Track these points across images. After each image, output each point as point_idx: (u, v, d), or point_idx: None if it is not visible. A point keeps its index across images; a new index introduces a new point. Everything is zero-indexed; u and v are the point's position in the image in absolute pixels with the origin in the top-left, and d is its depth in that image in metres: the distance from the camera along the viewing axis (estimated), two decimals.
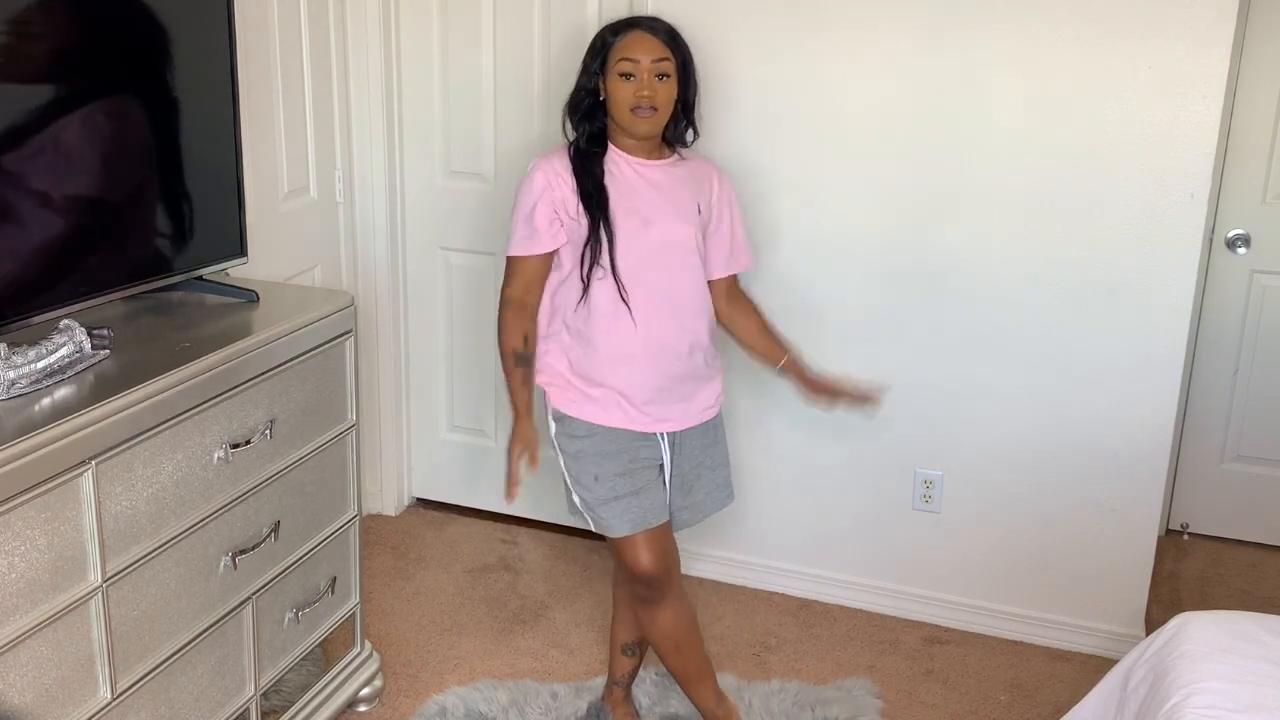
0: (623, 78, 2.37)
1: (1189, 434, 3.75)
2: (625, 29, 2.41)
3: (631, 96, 2.37)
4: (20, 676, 1.87)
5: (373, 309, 3.64)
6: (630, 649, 2.78)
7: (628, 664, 2.80)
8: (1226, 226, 3.56)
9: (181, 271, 2.45)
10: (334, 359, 2.56)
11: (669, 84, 2.40)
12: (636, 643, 2.77)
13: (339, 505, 2.66)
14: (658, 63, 2.37)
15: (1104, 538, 3.14)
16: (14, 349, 1.98)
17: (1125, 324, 2.99)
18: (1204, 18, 2.75)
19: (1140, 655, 2.23)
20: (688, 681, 2.64)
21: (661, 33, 2.41)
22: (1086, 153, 2.91)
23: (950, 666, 3.13)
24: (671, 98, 2.42)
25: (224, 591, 2.31)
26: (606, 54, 2.40)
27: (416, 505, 3.91)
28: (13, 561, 1.82)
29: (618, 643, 2.79)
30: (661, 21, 2.44)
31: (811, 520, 3.39)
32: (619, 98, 2.38)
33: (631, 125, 2.40)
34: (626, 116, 2.39)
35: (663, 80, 2.39)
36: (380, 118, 3.49)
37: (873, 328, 3.19)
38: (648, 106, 2.37)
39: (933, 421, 3.21)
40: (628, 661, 2.80)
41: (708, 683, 2.66)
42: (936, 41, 2.95)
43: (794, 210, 3.17)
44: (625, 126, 2.42)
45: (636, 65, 2.36)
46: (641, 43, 2.38)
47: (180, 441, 2.13)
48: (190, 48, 2.40)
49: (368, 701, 2.88)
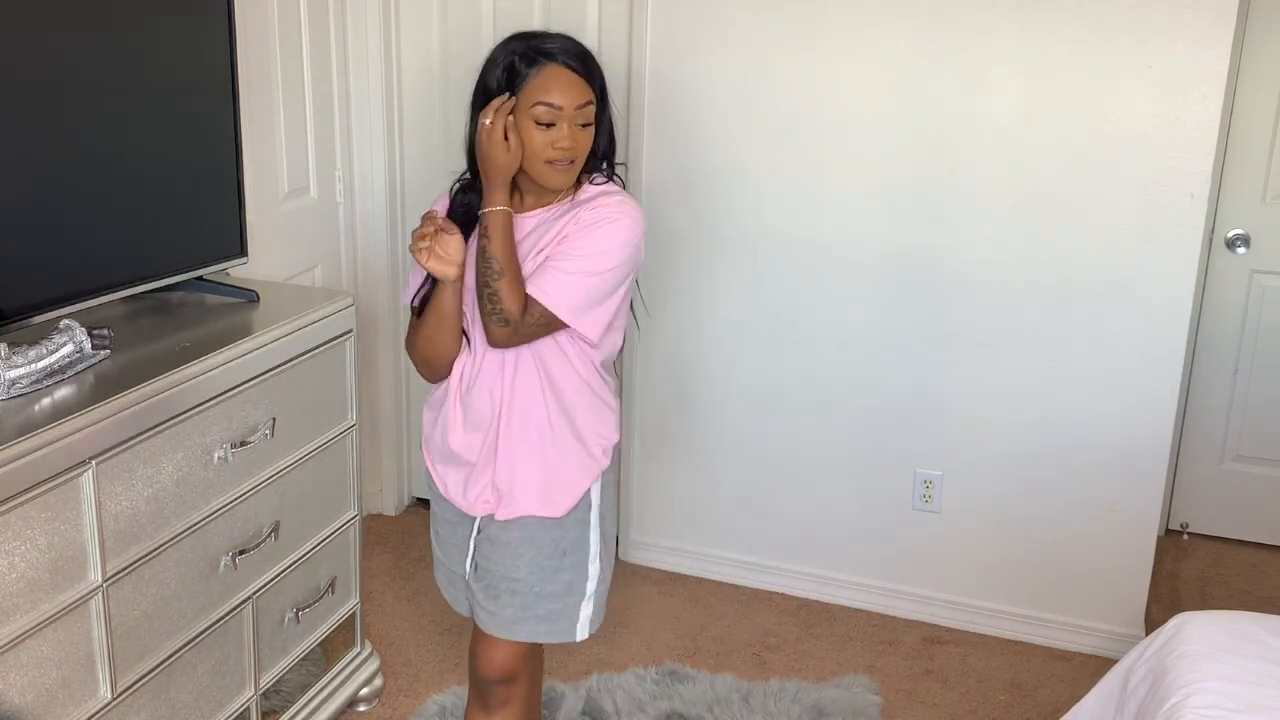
0: (538, 125, 1.96)
1: (1189, 434, 3.75)
2: (541, 60, 1.98)
3: (549, 148, 1.97)
4: (20, 676, 1.87)
5: (373, 309, 3.64)
6: None
7: None
8: (1226, 226, 3.56)
9: (182, 271, 2.45)
10: (334, 359, 2.56)
11: (589, 131, 2.02)
12: None
13: (339, 505, 2.66)
14: (582, 109, 1.98)
15: (1104, 538, 3.14)
16: (14, 349, 1.98)
17: (1125, 324, 2.99)
18: (1204, 18, 2.75)
19: (1140, 655, 2.23)
20: None
21: (581, 69, 1.99)
22: (1086, 153, 2.92)
23: (950, 666, 3.13)
24: (588, 146, 2.03)
25: (224, 591, 2.31)
26: (513, 86, 1.98)
27: (416, 505, 3.91)
28: (13, 561, 1.82)
29: None
30: (576, 45, 2.02)
31: (811, 520, 3.39)
32: (532, 147, 1.97)
33: (544, 178, 2.01)
34: (540, 169, 1.99)
35: (585, 128, 2.00)
36: (380, 118, 3.49)
37: (873, 327, 3.19)
38: (565, 160, 1.99)
39: (933, 421, 3.21)
40: None
41: None
42: (936, 41, 2.95)
43: (793, 211, 3.17)
44: (537, 179, 2.01)
45: (558, 113, 1.96)
46: (562, 83, 1.96)
47: (180, 441, 2.13)
48: (190, 48, 2.40)
49: (368, 701, 2.88)
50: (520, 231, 2.05)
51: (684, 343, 3.37)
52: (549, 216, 2.06)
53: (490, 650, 2.19)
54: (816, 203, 3.15)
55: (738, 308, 3.28)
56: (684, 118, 3.19)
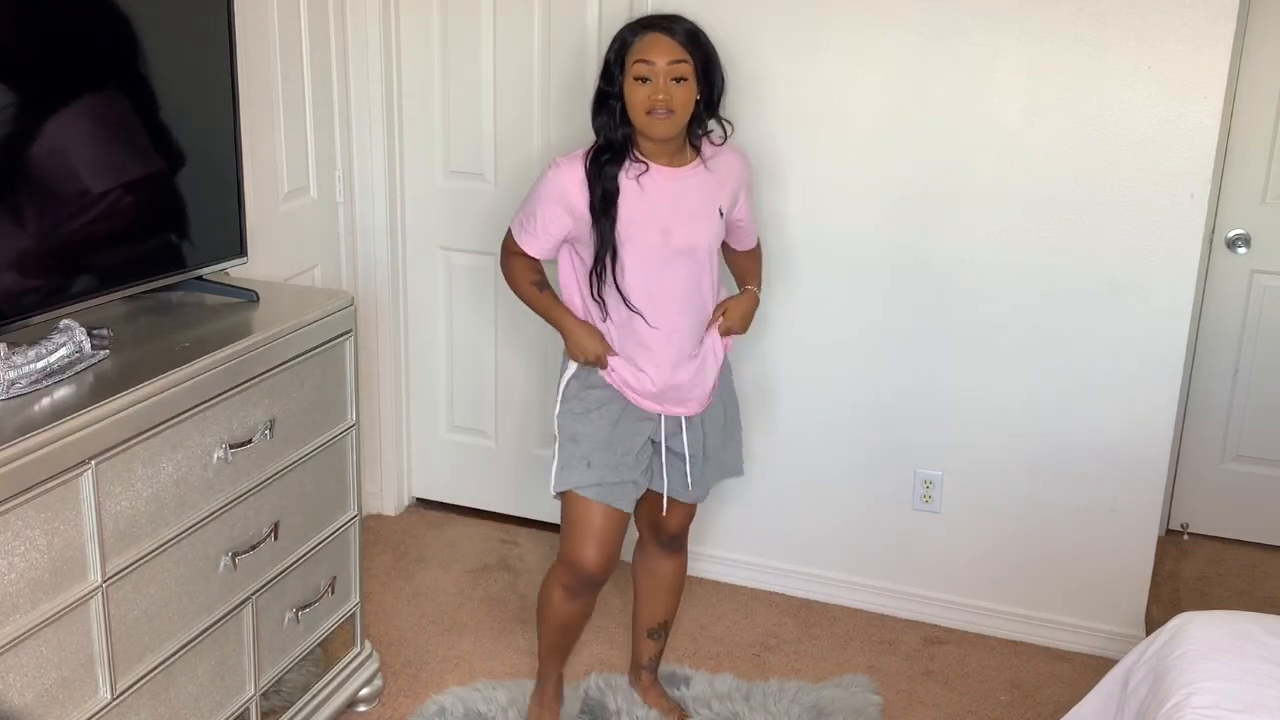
0: (638, 81, 2.36)
1: (1189, 434, 3.75)
2: (643, 30, 2.39)
3: (646, 99, 2.35)
4: (20, 676, 1.87)
5: (373, 309, 3.63)
6: (655, 633, 2.82)
7: (653, 647, 2.85)
8: (1226, 226, 3.56)
9: (181, 271, 2.45)
10: (334, 359, 2.56)
11: (686, 86, 2.37)
12: (661, 625, 2.81)
13: (339, 505, 2.66)
14: (674, 65, 2.35)
15: (1104, 538, 3.14)
16: (14, 349, 1.98)
17: (1125, 324, 2.99)
18: (1203, 18, 2.75)
19: (1140, 655, 2.23)
20: (549, 651, 2.74)
21: (680, 34, 2.38)
22: (1086, 153, 2.91)
23: (950, 666, 3.13)
24: (690, 100, 2.39)
25: (224, 591, 2.31)
26: (625, 55, 2.38)
27: (416, 505, 3.91)
28: (13, 561, 1.82)
29: (641, 628, 2.83)
30: (682, 21, 2.41)
31: (811, 520, 3.39)
32: (634, 100, 2.37)
33: (647, 128, 2.39)
34: (642, 119, 2.38)
35: (679, 83, 2.36)
36: (380, 118, 3.49)
37: (873, 327, 3.19)
38: (663, 110, 2.35)
39: (933, 421, 3.21)
40: (653, 645, 2.84)
41: (557, 659, 2.76)
42: (937, 42, 2.95)
43: (794, 211, 3.17)
44: (641, 129, 2.40)
45: (652, 68, 2.34)
46: (657, 45, 2.35)
47: (180, 441, 2.13)
48: (190, 47, 2.40)
49: (368, 701, 2.88)
50: (674, 182, 2.45)
51: None
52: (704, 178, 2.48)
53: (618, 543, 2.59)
54: (817, 203, 3.15)
55: None
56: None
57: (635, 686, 2.90)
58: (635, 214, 2.42)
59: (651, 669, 2.88)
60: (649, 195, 2.43)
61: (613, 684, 2.94)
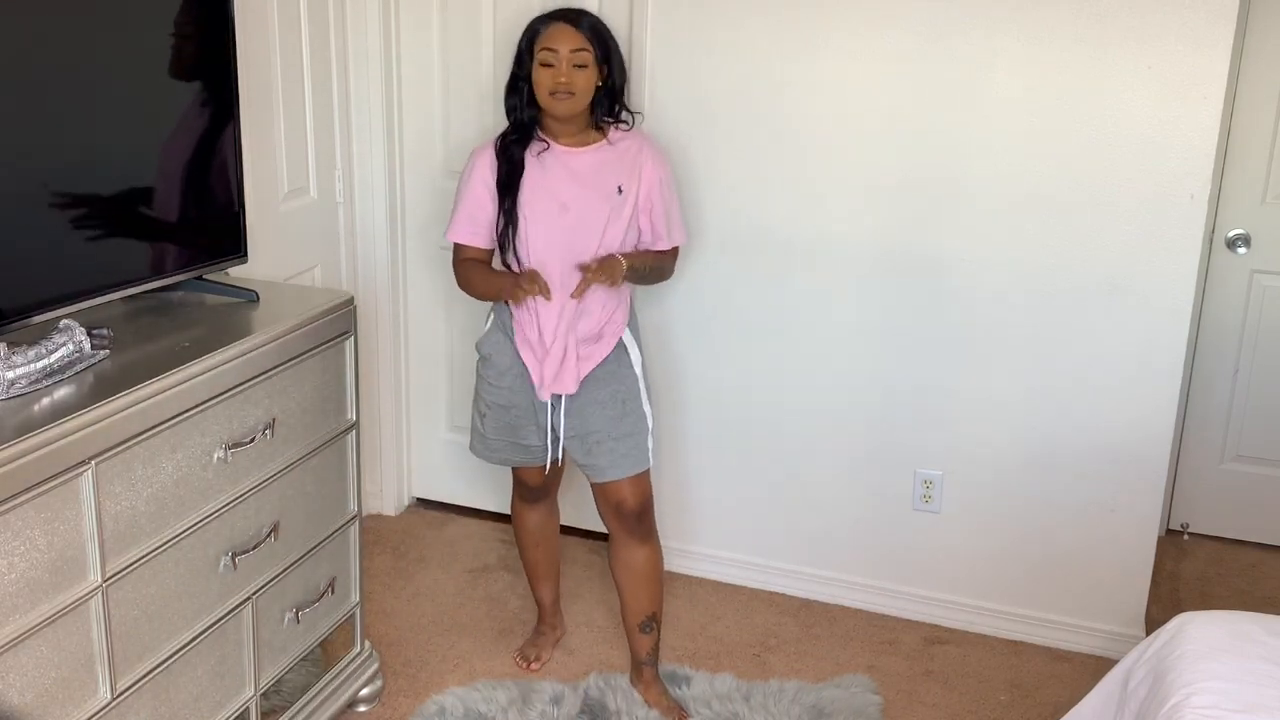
0: (544, 66, 2.61)
1: (1189, 434, 3.75)
2: (551, 21, 2.63)
3: (550, 82, 2.61)
4: (20, 676, 1.87)
5: (373, 309, 3.63)
6: (646, 626, 2.85)
7: (647, 642, 2.87)
8: (1226, 227, 3.56)
9: (181, 271, 2.45)
10: (334, 359, 2.56)
11: (587, 72, 2.62)
12: (650, 618, 2.84)
13: (339, 505, 2.66)
14: (575, 52, 2.60)
15: (1104, 538, 3.14)
16: (14, 349, 1.98)
17: (1125, 324, 2.99)
18: (1203, 18, 2.75)
19: (1140, 655, 2.23)
20: (531, 574, 3.09)
21: (584, 26, 2.63)
22: (1086, 153, 2.91)
23: (950, 666, 3.13)
24: (590, 85, 2.63)
25: (224, 591, 2.31)
26: (534, 43, 2.64)
27: (416, 505, 3.91)
28: (13, 561, 1.82)
29: (631, 624, 2.86)
30: (587, 15, 2.66)
31: (812, 520, 3.39)
32: (540, 82, 2.62)
33: (550, 107, 2.63)
34: (546, 99, 2.63)
35: (580, 69, 2.61)
36: (380, 118, 3.49)
37: (873, 328, 3.19)
38: (564, 91, 2.60)
39: (932, 421, 3.21)
40: (646, 639, 2.87)
41: (541, 584, 3.09)
42: (936, 42, 2.95)
43: (794, 211, 3.17)
44: (546, 108, 2.65)
45: (556, 54, 2.60)
46: (562, 34, 2.61)
47: (180, 441, 2.13)
48: (189, 47, 2.40)
49: (367, 701, 2.88)
50: (576, 159, 2.68)
51: (682, 342, 3.37)
52: (605, 157, 2.69)
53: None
54: (817, 203, 3.15)
55: (738, 307, 3.28)
56: (683, 117, 3.19)
57: (637, 685, 2.91)
58: (536, 186, 2.65)
59: (651, 664, 2.88)
60: (548, 170, 2.67)
61: (613, 684, 2.94)
